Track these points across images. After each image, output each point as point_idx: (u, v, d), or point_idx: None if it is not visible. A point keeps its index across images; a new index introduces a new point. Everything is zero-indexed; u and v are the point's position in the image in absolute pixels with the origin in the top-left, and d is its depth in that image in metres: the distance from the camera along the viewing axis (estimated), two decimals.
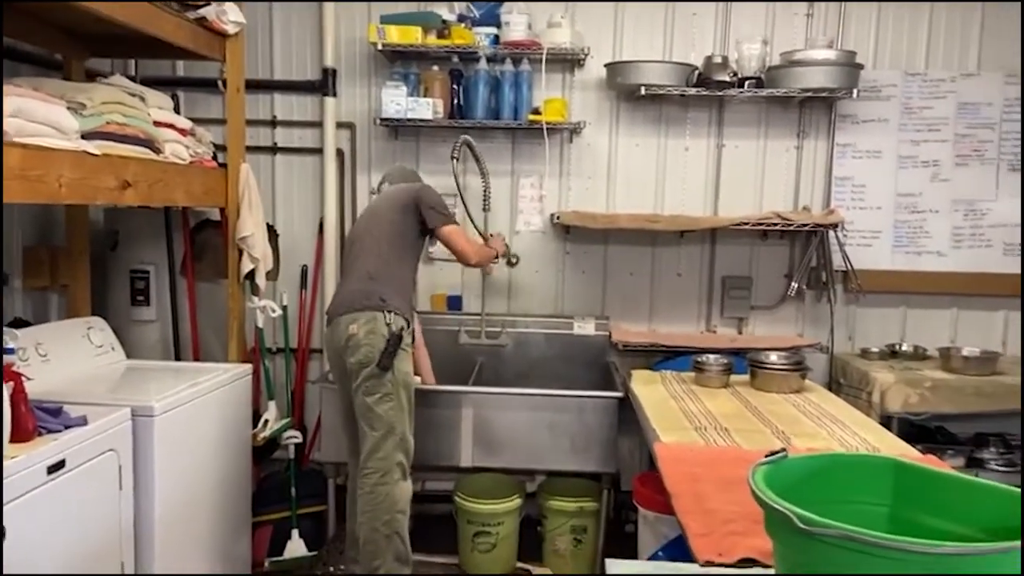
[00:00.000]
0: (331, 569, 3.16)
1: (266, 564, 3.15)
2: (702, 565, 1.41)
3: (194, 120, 2.98)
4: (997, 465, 3.22)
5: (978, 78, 3.46)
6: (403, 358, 2.66)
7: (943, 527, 1.06)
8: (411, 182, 3.01)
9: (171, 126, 2.57)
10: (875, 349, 3.46)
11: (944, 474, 1.12)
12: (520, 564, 3.26)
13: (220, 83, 3.20)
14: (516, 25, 3.36)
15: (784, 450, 1.12)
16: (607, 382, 3.33)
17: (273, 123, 3.65)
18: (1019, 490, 1.01)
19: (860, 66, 3.29)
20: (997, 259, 3.50)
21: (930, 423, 3.36)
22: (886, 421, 3.05)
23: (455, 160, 3.10)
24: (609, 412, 3.06)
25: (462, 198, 3.31)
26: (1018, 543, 0.82)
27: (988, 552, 0.82)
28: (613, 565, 1.40)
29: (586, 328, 3.65)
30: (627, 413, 2.99)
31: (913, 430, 3.29)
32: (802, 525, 0.88)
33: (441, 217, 2.77)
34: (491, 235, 3.31)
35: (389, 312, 2.63)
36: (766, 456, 1.10)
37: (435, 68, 3.43)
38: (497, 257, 3.17)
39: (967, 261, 3.51)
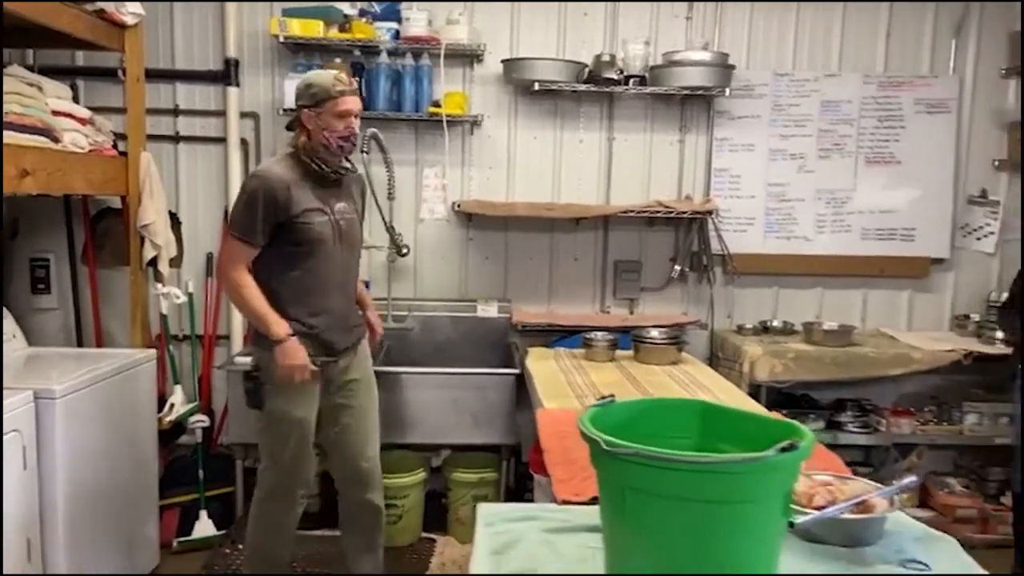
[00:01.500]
0: (239, 547, 3.25)
1: (175, 544, 3.22)
2: (560, 504, 1.62)
3: (95, 109, 3.03)
4: (854, 427, 3.60)
5: (839, 78, 3.82)
6: (277, 392, 2.40)
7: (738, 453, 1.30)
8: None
9: (69, 115, 2.62)
10: (749, 325, 3.79)
11: (740, 411, 1.36)
12: (425, 534, 3.44)
13: (120, 72, 3.22)
14: (416, 21, 3.51)
15: (612, 396, 1.34)
16: (508, 361, 3.53)
17: (175, 112, 3.68)
18: (789, 420, 1.26)
19: (732, 67, 3.59)
20: (856, 243, 3.88)
21: (796, 391, 3.71)
22: (756, 389, 3.38)
23: (365, 153, 3.22)
24: (508, 388, 3.27)
25: (372, 190, 3.42)
26: (767, 452, 1.05)
27: (740, 461, 1.05)
28: (483, 508, 1.60)
29: (489, 311, 3.83)
30: (526, 389, 3.20)
31: (781, 397, 3.63)
32: (606, 447, 1.10)
33: (231, 221, 2.35)
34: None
35: (256, 347, 2.43)
36: (597, 400, 1.32)
37: (337, 60, 3.54)
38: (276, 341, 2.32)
39: (829, 245, 3.87)
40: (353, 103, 2.36)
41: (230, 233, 2.31)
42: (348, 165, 2.46)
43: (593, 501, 1.63)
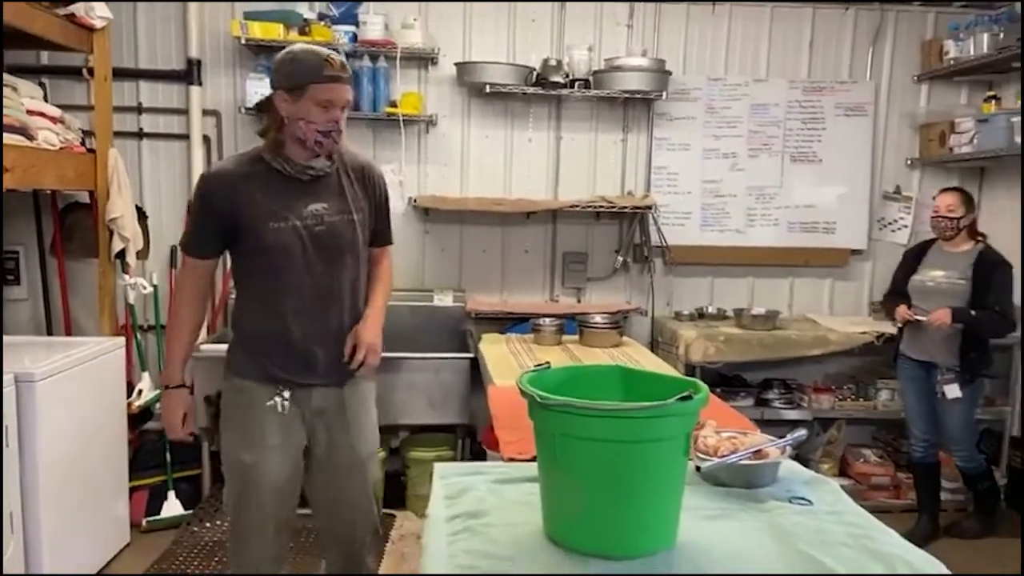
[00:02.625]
0: (207, 525, 3.41)
1: (144, 523, 3.37)
2: (506, 461, 1.86)
3: (60, 107, 3.14)
4: (780, 404, 3.93)
5: (766, 83, 4.14)
6: (227, 428, 2.04)
7: None
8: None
9: (42, 114, 2.75)
10: (686, 312, 4.08)
11: (653, 373, 1.62)
12: (386, 510, 3.64)
13: (85, 71, 3.34)
14: (373, 25, 3.70)
15: (548, 363, 1.58)
16: (464, 348, 3.76)
17: (139, 110, 3.80)
18: (692, 379, 1.51)
19: (669, 72, 3.87)
20: (783, 235, 4.20)
21: (730, 372, 4.03)
22: (691, 370, 3.67)
23: None
24: (463, 372, 3.50)
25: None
26: (667, 401, 1.30)
27: (646, 408, 1.30)
28: (438, 466, 1.83)
29: (445, 300, 4.04)
30: (479, 373, 3.43)
31: (717, 377, 3.94)
32: (540, 400, 1.34)
33: None
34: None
35: (227, 370, 2.07)
36: (534, 367, 1.56)
37: None
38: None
39: (759, 237, 4.19)
40: (343, 92, 1.93)
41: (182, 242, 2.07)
42: (319, 164, 1.99)
43: (535, 459, 1.88)
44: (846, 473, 4.00)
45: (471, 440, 3.76)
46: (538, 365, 1.57)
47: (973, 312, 3.19)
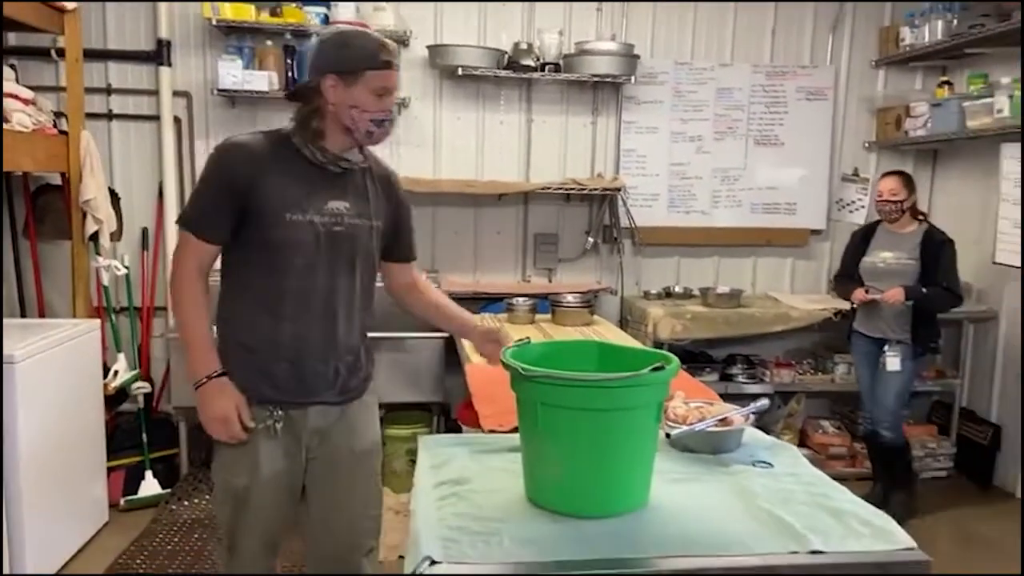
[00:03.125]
0: (184, 503, 3.45)
1: (122, 502, 3.40)
2: (486, 432, 1.95)
3: (28, 88, 3.11)
4: (743, 379, 4.08)
5: (731, 68, 4.25)
6: (217, 448, 1.83)
7: None
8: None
9: (15, 96, 2.74)
10: (654, 291, 4.21)
11: (626, 347, 1.72)
12: None
13: (54, 52, 3.31)
14: (344, 7, 3.71)
15: (528, 338, 1.67)
16: (437, 327, 3.82)
17: (108, 91, 3.78)
18: (663, 352, 1.62)
19: (637, 56, 3.96)
20: (746, 216, 4.35)
21: (697, 349, 4.17)
22: (659, 347, 3.79)
23: None
24: (436, 351, 3.58)
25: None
26: (641, 372, 1.40)
27: (621, 378, 1.39)
28: (423, 439, 1.91)
29: None
30: (454, 352, 3.51)
31: (684, 354, 4.07)
32: (523, 372, 1.43)
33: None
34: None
35: None
36: (515, 342, 1.65)
37: (269, 43, 3.72)
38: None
39: (724, 218, 4.33)
40: (396, 79, 1.78)
41: (181, 218, 1.79)
42: (354, 157, 1.83)
43: (513, 431, 1.97)
44: (805, 444, 4.17)
45: (446, 417, 3.85)
46: (520, 340, 1.65)
47: (924, 289, 3.35)
